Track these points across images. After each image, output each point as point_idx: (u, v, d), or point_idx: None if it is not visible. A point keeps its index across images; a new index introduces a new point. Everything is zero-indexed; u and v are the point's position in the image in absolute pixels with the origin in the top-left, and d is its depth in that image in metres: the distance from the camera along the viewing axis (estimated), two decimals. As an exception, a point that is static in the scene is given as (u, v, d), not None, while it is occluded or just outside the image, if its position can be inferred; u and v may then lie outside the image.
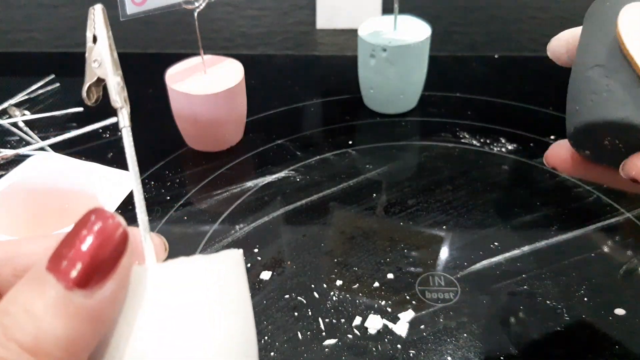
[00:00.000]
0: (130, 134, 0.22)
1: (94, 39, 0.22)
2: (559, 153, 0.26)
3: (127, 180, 0.41)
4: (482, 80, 0.70)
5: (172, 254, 0.49)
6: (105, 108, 0.69)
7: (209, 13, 0.76)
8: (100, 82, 0.24)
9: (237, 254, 0.21)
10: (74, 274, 0.16)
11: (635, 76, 0.21)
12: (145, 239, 0.22)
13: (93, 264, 0.17)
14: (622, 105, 0.21)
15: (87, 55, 0.22)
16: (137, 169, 0.22)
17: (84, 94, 0.23)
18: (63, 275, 0.16)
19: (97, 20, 0.23)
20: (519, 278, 0.44)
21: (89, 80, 0.23)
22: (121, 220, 0.19)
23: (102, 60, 0.22)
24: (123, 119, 0.23)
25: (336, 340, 0.40)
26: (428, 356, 0.39)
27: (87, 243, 0.17)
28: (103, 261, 0.17)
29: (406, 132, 0.61)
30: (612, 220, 0.48)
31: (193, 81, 0.55)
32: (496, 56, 0.75)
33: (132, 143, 0.22)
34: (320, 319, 0.41)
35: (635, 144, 0.22)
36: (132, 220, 0.54)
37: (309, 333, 0.40)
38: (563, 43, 0.26)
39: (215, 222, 0.50)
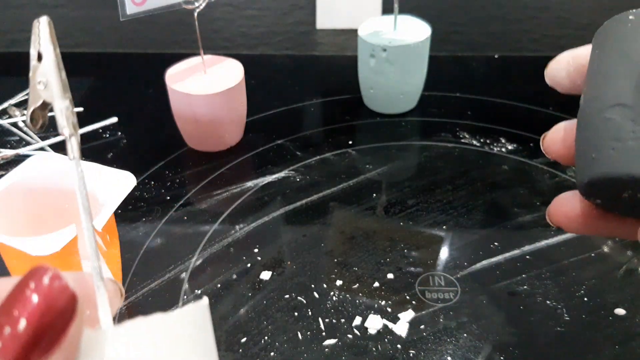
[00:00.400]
0: (81, 166, 0.19)
1: (39, 57, 0.19)
2: (565, 209, 0.21)
3: (127, 180, 0.40)
4: (482, 80, 0.70)
5: (173, 254, 0.49)
6: (105, 108, 0.69)
7: (209, 13, 0.76)
8: (46, 106, 0.20)
9: (201, 307, 0.19)
10: (11, 352, 0.14)
11: None
12: (98, 290, 0.18)
13: (35, 337, 0.14)
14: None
15: (30, 75, 0.19)
16: (87, 204, 0.19)
17: (28, 119, 0.20)
18: (1, 353, 0.14)
19: (42, 36, 0.19)
20: (519, 278, 0.44)
21: (33, 103, 0.19)
22: (68, 279, 0.16)
23: (48, 82, 0.19)
24: (72, 149, 0.19)
25: (336, 340, 0.40)
26: (428, 356, 0.39)
27: (27, 312, 0.14)
28: (47, 333, 0.15)
29: (406, 132, 0.61)
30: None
31: (193, 81, 0.55)
32: (496, 56, 0.75)
33: (83, 176, 0.19)
34: (320, 319, 0.41)
35: None
36: (132, 220, 0.54)
37: (309, 333, 0.40)
38: (563, 66, 0.22)
39: (215, 222, 0.50)
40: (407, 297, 0.42)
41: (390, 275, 0.44)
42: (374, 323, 0.41)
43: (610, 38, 0.20)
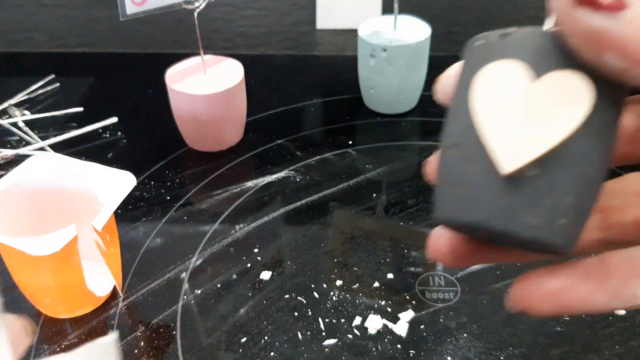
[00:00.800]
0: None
1: None
2: (440, 244, 0.20)
3: (127, 180, 0.40)
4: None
5: (173, 254, 0.49)
6: (105, 108, 0.69)
7: (209, 13, 0.76)
8: None
9: (109, 343, 0.18)
10: None
11: (491, 167, 0.16)
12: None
13: None
14: (480, 206, 0.16)
15: None
16: None
17: None
18: None
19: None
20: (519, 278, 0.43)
21: None
22: None
23: None
24: None
25: (336, 340, 0.40)
26: (428, 356, 0.39)
27: None
28: None
29: (406, 132, 0.61)
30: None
31: (193, 81, 0.55)
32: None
33: None
34: (320, 319, 0.41)
35: (509, 242, 0.17)
36: (132, 220, 0.54)
37: (309, 333, 0.40)
38: (449, 81, 0.20)
39: (215, 222, 0.50)
40: (407, 297, 0.42)
41: (390, 275, 0.44)
42: (374, 323, 0.41)
43: (464, 64, 0.18)
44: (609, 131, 0.17)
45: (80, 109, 0.65)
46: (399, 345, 0.39)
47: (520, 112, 0.16)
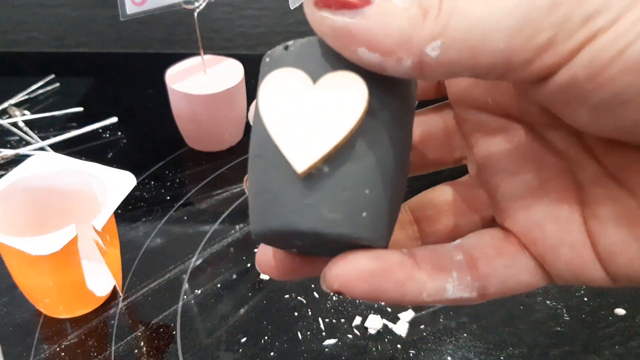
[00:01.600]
0: None
1: None
2: (267, 258, 0.20)
3: (127, 180, 0.40)
4: (482, 80, 0.70)
5: (173, 254, 0.49)
6: (105, 108, 0.69)
7: (209, 13, 0.76)
8: None
9: None
10: None
11: (290, 169, 0.16)
12: None
13: None
14: (284, 209, 0.16)
15: None
16: None
17: None
18: None
19: None
20: (519, 278, 0.43)
21: None
22: None
23: None
24: None
25: (336, 340, 0.40)
26: (428, 356, 0.39)
27: None
28: None
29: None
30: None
31: (193, 81, 0.55)
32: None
33: None
34: (320, 319, 0.41)
35: (323, 243, 0.17)
36: (132, 220, 0.54)
37: (309, 333, 0.40)
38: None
39: (215, 222, 0.50)
40: (407, 297, 0.42)
41: (390, 275, 0.44)
42: (374, 323, 0.41)
43: (260, 78, 0.19)
44: (397, 125, 0.17)
45: (80, 108, 0.65)
46: (399, 345, 0.39)
47: (304, 115, 0.16)
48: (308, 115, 0.16)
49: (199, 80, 0.55)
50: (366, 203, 0.16)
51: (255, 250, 0.47)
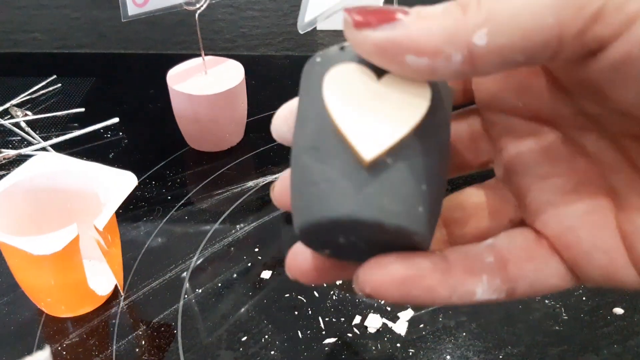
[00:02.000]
0: None
1: None
2: (299, 262, 0.20)
3: (129, 180, 0.41)
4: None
5: (174, 253, 0.49)
6: (106, 108, 0.69)
7: (209, 14, 0.76)
8: None
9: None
10: None
11: (353, 159, 0.16)
12: None
13: None
14: (345, 198, 0.16)
15: None
16: None
17: None
18: None
19: None
20: (518, 277, 0.44)
21: None
22: None
23: None
24: None
25: (336, 339, 0.40)
26: (427, 355, 0.39)
27: None
28: None
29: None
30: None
31: (194, 82, 0.55)
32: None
33: None
34: (320, 318, 0.41)
35: (372, 239, 0.18)
36: (133, 220, 0.54)
37: (309, 332, 0.41)
38: (282, 121, 0.21)
39: (216, 221, 0.50)
40: (407, 297, 0.43)
41: (389, 275, 0.44)
42: (374, 322, 0.41)
43: (304, 81, 0.19)
44: (445, 128, 0.18)
45: (82, 109, 0.65)
46: (398, 344, 0.39)
47: (370, 107, 0.17)
48: (375, 107, 0.17)
49: (200, 81, 0.55)
50: (422, 198, 0.17)
51: (256, 249, 0.47)
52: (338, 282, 0.44)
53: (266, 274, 0.45)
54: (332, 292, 0.43)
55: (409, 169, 0.17)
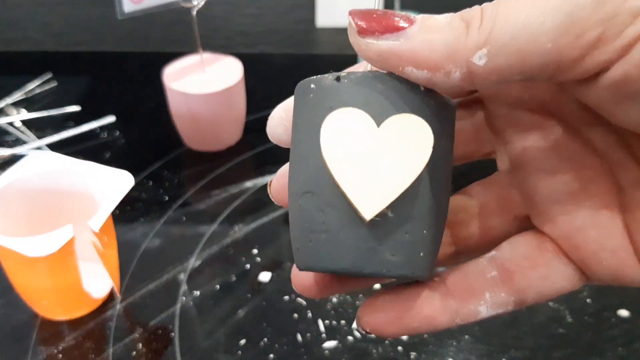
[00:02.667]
0: None
1: None
2: (301, 279, 0.20)
3: (125, 180, 0.40)
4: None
5: (171, 255, 0.48)
6: (102, 107, 0.68)
7: (207, 11, 0.76)
8: None
9: None
10: None
11: (352, 210, 0.16)
12: None
13: None
14: (345, 252, 0.17)
15: None
16: None
17: None
18: None
19: None
20: (521, 279, 0.43)
21: None
22: None
23: None
24: None
25: (336, 342, 0.39)
26: (429, 359, 0.38)
27: None
28: None
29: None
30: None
31: (191, 80, 0.54)
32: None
33: None
34: (320, 321, 0.41)
35: (373, 279, 0.18)
36: (130, 221, 0.54)
37: (308, 335, 0.40)
38: (277, 122, 0.20)
39: (214, 222, 0.49)
40: (408, 299, 0.42)
41: (391, 277, 0.44)
42: (375, 325, 0.40)
43: (298, 107, 0.18)
44: (447, 157, 0.18)
45: (78, 107, 0.64)
46: (399, 348, 0.39)
47: (370, 160, 0.16)
48: (374, 160, 0.16)
49: (197, 79, 0.55)
50: (424, 243, 0.17)
51: (254, 251, 0.46)
52: (338, 284, 0.43)
53: (265, 276, 0.44)
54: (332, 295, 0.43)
55: (410, 218, 0.17)
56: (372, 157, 0.16)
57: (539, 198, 0.19)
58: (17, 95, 0.67)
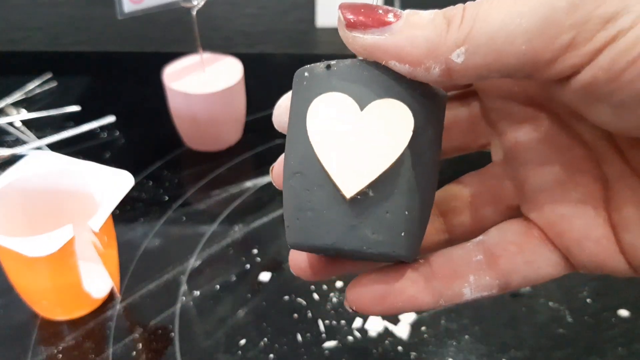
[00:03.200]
0: None
1: None
2: (298, 261, 0.21)
3: (125, 180, 0.40)
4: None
5: (171, 255, 0.48)
6: (102, 107, 0.68)
7: (207, 11, 0.76)
8: None
9: None
10: None
11: (335, 189, 0.17)
12: None
13: None
14: (329, 229, 0.17)
15: None
16: None
17: None
18: None
19: None
20: (521, 279, 0.43)
21: None
22: None
23: None
24: None
25: (336, 342, 0.39)
26: (429, 358, 0.38)
27: None
28: None
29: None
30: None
31: (191, 80, 0.54)
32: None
33: None
34: (320, 321, 0.41)
35: (359, 257, 0.19)
36: (130, 221, 0.54)
37: (308, 335, 0.40)
38: (283, 110, 0.21)
39: (214, 222, 0.49)
40: (408, 299, 0.42)
41: (391, 277, 0.44)
42: (375, 325, 0.40)
43: (294, 94, 0.19)
44: (432, 144, 0.18)
45: (78, 107, 0.64)
46: (400, 348, 0.39)
47: (352, 141, 0.17)
48: (356, 141, 0.17)
49: (197, 79, 0.55)
50: (405, 224, 0.18)
51: (254, 251, 0.46)
52: (338, 285, 0.43)
53: (265, 276, 0.44)
54: (332, 295, 0.43)
55: (391, 198, 0.17)
56: (354, 138, 0.17)
57: (528, 187, 0.20)
58: (17, 95, 0.67)
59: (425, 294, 0.19)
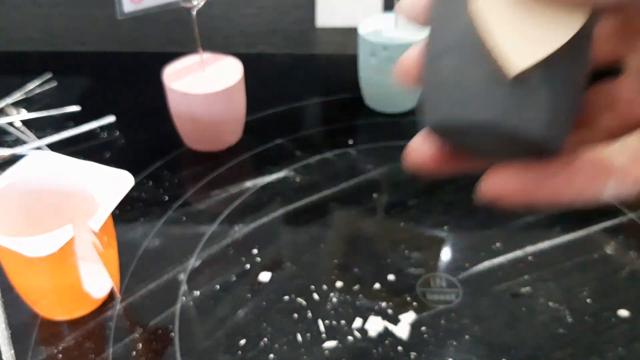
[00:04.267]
0: None
1: None
2: (420, 152, 0.21)
3: (125, 180, 0.40)
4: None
5: (171, 255, 0.48)
6: (102, 107, 0.68)
7: (207, 11, 0.76)
8: None
9: None
10: None
11: (494, 67, 0.17)
12: None
13: None
14: (487, 104, 0.17)
15: None
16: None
17: None
18: None
19: None
20: (521, 279, 0.43)
21: None
22: None
23: None
24: None
25: (336, 342, 0.39)
26: (429, 358, 0.38)
27: None
28: None
29: (407, 132, 0.60)
30: (616, 221, 0.48)
31: (191, 80, 0.54)
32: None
33: None
34: (320, 321, 0.41)
35: (499, 147, 0.19)
36: (130, 221, 0.54)
37: (308, 335, 0.40)
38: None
39: (214, 222, 0.49)
40: (408, 299, 0.42)
41: (391, 277, 0.44)
42: (375, 325, 0.40)
43: None
44: (589, 43, 0.18)
45: (78, 107, 0.64)
46: (399, 348, 0.39)
47: (522, 18, 0.17)
48: (524, 21, 0.17)
49: (197, 79, 0.55)
50: (560, 113, 0.17)
51: (254, 251, 0.46)
52: (338, 285, 0.43)
53: (265, 276, 0.44)
54: (332, 295, 0.43)
55: (551, 82, 0.17)
56: (522, 17, 0.17)
57: None
58: (17, 95, 0.67)
59: (566, 190, 0.19)
